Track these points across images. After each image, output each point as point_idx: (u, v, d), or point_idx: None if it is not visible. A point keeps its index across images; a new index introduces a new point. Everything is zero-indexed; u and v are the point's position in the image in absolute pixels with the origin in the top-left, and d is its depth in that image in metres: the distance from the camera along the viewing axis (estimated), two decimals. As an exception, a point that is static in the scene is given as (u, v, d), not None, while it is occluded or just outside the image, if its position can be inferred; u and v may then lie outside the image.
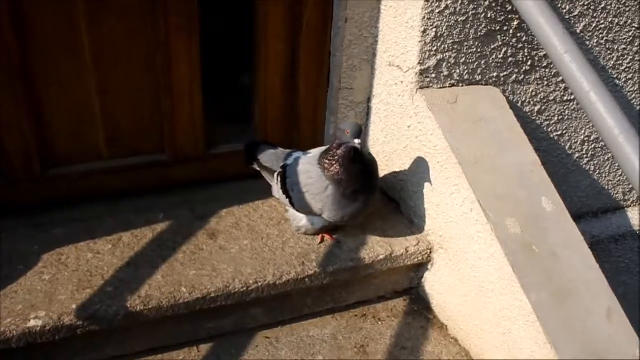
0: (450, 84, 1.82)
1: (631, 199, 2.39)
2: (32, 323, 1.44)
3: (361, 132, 1.58)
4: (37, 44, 1.67)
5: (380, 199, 1.99)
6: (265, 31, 1.91)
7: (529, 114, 1.99)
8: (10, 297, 1.51)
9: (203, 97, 1.92)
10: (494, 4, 1.74)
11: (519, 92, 1.93)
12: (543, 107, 2.01)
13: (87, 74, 1.76)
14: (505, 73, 1.88)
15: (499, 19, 1.77)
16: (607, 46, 2.00)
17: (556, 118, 2.05)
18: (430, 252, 1.84)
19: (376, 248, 1.78)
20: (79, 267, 1.63)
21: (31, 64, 1.69)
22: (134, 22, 1.75)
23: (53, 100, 1.76)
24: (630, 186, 2.33)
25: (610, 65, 2.04)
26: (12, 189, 1.81)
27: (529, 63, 1.90)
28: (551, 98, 2.00)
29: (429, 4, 1.67)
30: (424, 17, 1.69)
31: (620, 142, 1.45)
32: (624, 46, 2.02)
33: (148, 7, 1.74)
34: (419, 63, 1.75)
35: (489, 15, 1.75)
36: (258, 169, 1.89)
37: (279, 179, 1.77)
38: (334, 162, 1.63)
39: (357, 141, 1.57)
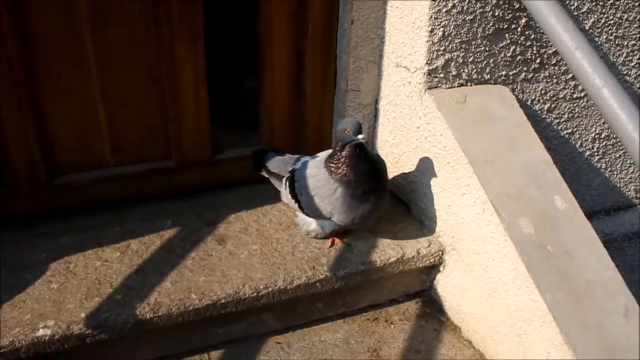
0: (458, 83, 1.81)
1: (643, 197, 2.36)
2: (40, 332, 1.42)
3: (361, 126, 1.57)
4: (40, 53, 1.66)
5: (390, 201, 1.96)
6: (270, 35, 1.89)
7: (538, 112, 1.97)
8: (19, 307, 1.50)
9: (209, 101, 1.91)
10: (501, 2, 1.72)
11: (528, 90, 1.91)
12: (553, 105, 1.98)
13: (91, 82, 1.75)
14: (514, 71, 1.86)
15: (506, 17, 1.75)
16: (617, 42, 1.97)
17: (566, 116, 2.03)
18: (442, 254, 1.82)
19: (387, 250, 1.76)
20: (87, 276, 1.62)
21: (35, 73, 1.68)
22: (138, 29, 1.74)
23: (58, 109, 1.75)
24: (643, 183, 2.31)
25: (620, 62, 2.02)
26: (18, 199, 1.79)
27: (537, 61, 1.88)
28: (561, 96, 1.98)
29: (436, 4, 1.66)
30: (431, 16, 1.67)
31: (635, 138, 1.42)
32: (633, 42, 2.00)
33: (151, 14, 1.73)
34: (426, 63, 1.73)
35: (496, 14, 1.73)
36: (266, 175, 1.88)
37: (287, 183, 1.76)
38: (340, 164, 1.62)
39: (360, 136, 1.56)
